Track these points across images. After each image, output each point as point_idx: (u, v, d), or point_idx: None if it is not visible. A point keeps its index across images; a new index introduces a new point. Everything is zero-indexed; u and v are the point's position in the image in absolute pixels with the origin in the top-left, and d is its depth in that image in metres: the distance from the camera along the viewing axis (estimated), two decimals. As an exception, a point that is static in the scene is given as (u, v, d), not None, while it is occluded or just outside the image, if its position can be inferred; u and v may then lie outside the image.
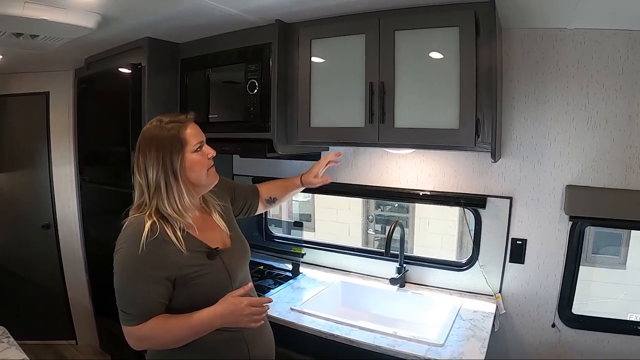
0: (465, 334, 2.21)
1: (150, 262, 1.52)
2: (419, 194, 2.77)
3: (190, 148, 1.63)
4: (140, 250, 1.49)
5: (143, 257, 1.50)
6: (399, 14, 2.20)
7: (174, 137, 1.60)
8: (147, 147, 1.61)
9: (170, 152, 1.59)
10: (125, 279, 1.53)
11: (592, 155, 2.35)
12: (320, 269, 3.19)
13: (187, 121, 1.68)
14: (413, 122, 2.16)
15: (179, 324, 1.55)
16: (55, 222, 4.06)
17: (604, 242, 4.91)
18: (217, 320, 1.57)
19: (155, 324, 1.52)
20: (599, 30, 2.27)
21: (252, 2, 2.22)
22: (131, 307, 1.53)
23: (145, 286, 1.52)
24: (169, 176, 1.58)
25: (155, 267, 1.52)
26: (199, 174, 1.67)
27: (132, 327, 1.52)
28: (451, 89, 2.07)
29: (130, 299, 1.53)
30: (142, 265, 1.51)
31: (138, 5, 2.28)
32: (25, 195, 4.12)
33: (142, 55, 2.89)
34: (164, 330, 1.54)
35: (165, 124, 1.63)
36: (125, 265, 1.54)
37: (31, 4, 2.10)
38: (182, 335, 1.56)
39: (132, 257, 1.51)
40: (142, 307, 1.52)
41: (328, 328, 2.25)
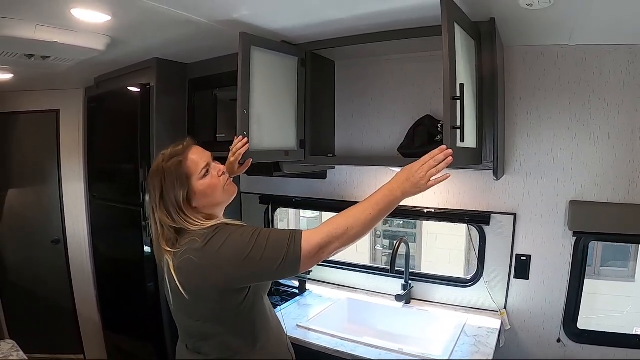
0: (469, 349, 2.22)
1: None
2: (424, 212, 2.78)
3: (197, 177, 1.59)
4: (242, 226, 1.52)
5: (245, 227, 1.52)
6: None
7: (175, 172, 1.56)
8: (152, 183, 1.59)
9: (172, 188, 1.55)
10: (255, 245, 1.45)
11: (595, 170, 2.36)
12: (326, 285, 3.20)
13: (186, 150, 1.62)
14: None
15: (355, 211, 1.51)
16: (65, 237, 4.09)
17: (612, 255, 4.89)
18: (398, 191, 1.52)
19: (322, 226, 1.50)
20: (599, 46, 2.29)
21: (257, 25, 2.25)
22: (284, 238, 1.47)
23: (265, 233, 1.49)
24: (177, 208, 1.54)
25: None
26: (215, 196, 1.63)
27: (304, 244, 1.46)
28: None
29: (274, 243, 1.46)
30: (250, 229, 1.50)
31: (146, 29, 2.33)
32: (35, 211, 4.16)
33: (150, 75, 2.94)
34: (340, 222, 1.49)
35: (167, 160, 1.58)
36: (244, 240, 1.47)
37: (42, 27, 2.15)
38: (363, 220, 1.50)
39: (245, 231, 1.50)
40: (284, 236, 1.48)
41: (334, 345, 2.26)
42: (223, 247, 1.46)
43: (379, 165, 2.72)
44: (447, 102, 1.68)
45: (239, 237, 1.48)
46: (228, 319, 1.57)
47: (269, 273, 1.50)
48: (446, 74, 1.67)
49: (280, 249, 1.45)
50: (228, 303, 1.54)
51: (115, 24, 2.19)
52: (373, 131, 2.86)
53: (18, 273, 4.15)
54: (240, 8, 2.02)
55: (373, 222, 1.52)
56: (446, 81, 1.67)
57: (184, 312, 1.61)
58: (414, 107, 2.67)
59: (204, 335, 1.60)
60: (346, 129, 2.93)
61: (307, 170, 2.83)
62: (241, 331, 1.60)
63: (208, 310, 1.55)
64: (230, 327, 1.58)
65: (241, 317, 1.58)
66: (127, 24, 2.23)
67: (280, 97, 2.34)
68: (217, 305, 1.53)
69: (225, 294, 1.52)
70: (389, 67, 2.75)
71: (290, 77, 2.41)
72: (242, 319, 1.59)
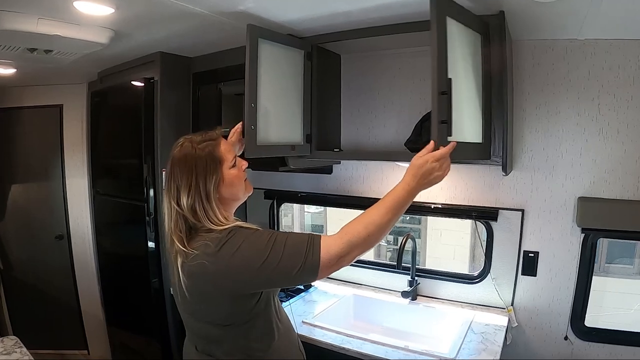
0: (477, 347, 2.20)
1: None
2: (431, 207, 2.77)
3: (228, 165, 1.57)
4: (256, 230, 1.49)
5: (260, 231, 1.49)
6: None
7: (209, 157, 1.53)
8: (179, 170, 1.53)
9: (204, 174, 1.51)
10: (271, 251, 1.41)
11: (604, 166, 2.33)
12: (332, 281, 3.18)
13: (219, 138, 1.60)
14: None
15: (373, 214, 1.48)
16: (69, 233, 4.10)
17: (618, 252, 4.86)
18: (413, 190, 1.54)
19: (341, 234, 1.46)
20: (609, 41, 2.26)
21: (264, 18, 2.23)
22: (302, 243, 1.43)
23: (282, 238, 1.46)
24: (202, 199, 1.50)
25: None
26: (238, 188, 1.62)
27: (323, 251, 1.42)
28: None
29: (291, 249, 1.42)
30: (266, 234, 1.47)
31: (150, 22, 2.30)
32: (38, 206, 4.16)
33: (154, 69, 2.93)
34: (358, 229, 1.45)
35: (197, 144, 1.54)
36: (260, 245, 1.43)
37: (44, 20, 2.13)
38: (382, 223, 1.47)
39: (260, 236, 1.46)
40: (302, 241, 1.45)
41: (339, 341, 2.25)
42: (238, 253, 1.43)
43: (386, 160, 2.70)
44: (434, 97, 1.66)
45: (254, 242, 1.45)
46: (240, 323, 1.53)
47: (285, 280, 1.48)
48: (434, 69, 1.65)
49: (298, 256, 1.41)
50: (240, 307, 1.51)
51: (119, 17, 2.17)
52: (379, 126, 2.83)
53: (21, 269, 4.16)
54: (245, 0, 1.99)
55: (391, 225, 1.52)
56: (434, 76, 1.65)
57: (193, 315, 1.59)
58: (421, 101, 2.65)
59: (214, 338, 1.57)
60: (352, 123, 2.91)
61: (313, 165, 2.81)
62: (253, 334, 1.57)
63: (218, 314, 1.52)
64: (242, 330, 1.55)
65: (253, 321, 1.55)
66: (130, 17, 2.20)
67: (286, 91, 2.32)
68: (228, 309, 1.50)
69: (237, 298, 1.48)
70: (396, 61, 2.72)
71: (297, 70, 2.38)
72: (254, 322, 1.56)
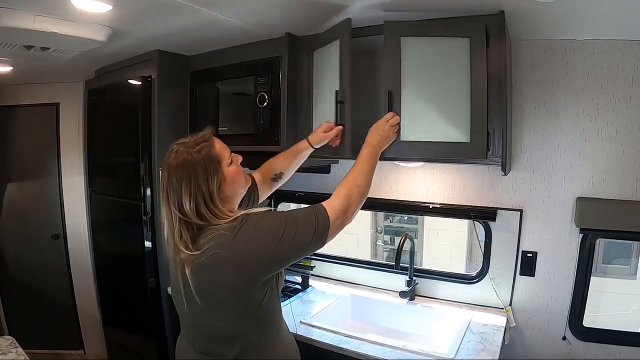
0: (475, 347, 2.19)
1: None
2: (429, 207, 2.77)
3: (226, 162, 1.58)
4: (265, 211, 1.55)
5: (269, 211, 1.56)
6: (408, 24, 2.19)
7: (207, 158, 1.53)
8: (177, 177, 1.51)
9: (205, 177, 1.51)
10: (286, 225, 1.51)
11: (603, 166, 2.33)
12: (329, 281, 3.18)
13: (211, 138, 1.60)
14: (422, 135, 2.12)
15: (356, 171, 1.78)
16: (65, 232, 4.07)
17: (614, 253, 4.88)
18: (378, 146, 1.93)
19: (337, 191, 1.69)
20: (608, 41, 2.26)
21: (262, 15, 2.23)
22: (310, 214, 1.58)
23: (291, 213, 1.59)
24: (206, 200, 1.50)
25: None
26: (239, 183, 1.65)
27: (329, 214, 1.59)
28: (462, 101, 2.05)
29: (303, 219, 1.56)
30: (275, 213, 1.59)
31: (148, 19, 2.29)
32: (34, 205, 4.14)
33: (152, 67, 2.91)
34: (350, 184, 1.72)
35: (192, 148, 1.53)
36: (274, 223, 1.52)
37: (41, 17, 2.11)
38: (366, 173, 1.80)
39: (272, 216, 1.55)
40: (308, 211, 1.60)
41: (337, 342, 2.24)
42: (255, 234, 1.47)
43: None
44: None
45: (268, 221, 1.51)
46: (251, 317, 1.56)
47: (303, 248, 1.56)
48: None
49: (310, 223, 1.54)
50: (252, 299, 1.53)
51: (117, 14, 2.15)
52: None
53: (17, 268, 4.13)
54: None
55: (370, 176, 1.82)
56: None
57: (203, 316, 1.57)
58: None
59: (225, 336, 1.57)
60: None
61: (311, 165, 2.79)
62: (262, 329, 1.61)
63: (233, 307, 1.53)
64: (253, 325, 1.58)
65: (262, 314, 1.58)
66: (128, 14, 2.18)
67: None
68: (242, 301, 1.52)
69: (251, 288, 1.50)
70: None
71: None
72: (263, 316, 1.59)
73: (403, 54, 2.11)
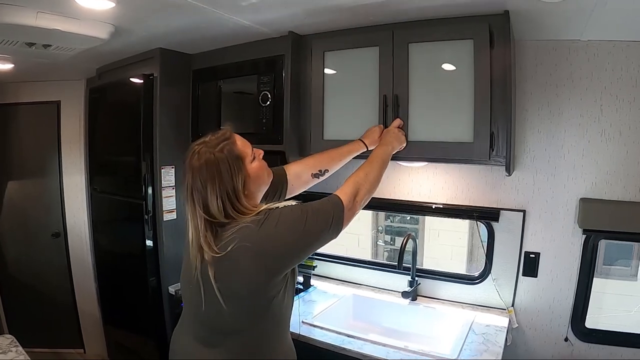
0: (478, 348, 2.19)
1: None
2: (432, 207, 2.76)
3: (249, 159, 1.58)
4: (285, 205, 1.56)
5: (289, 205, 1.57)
6: (413, 26, 2.20)
7: (230, 157, 1.52)
8: (202, 178, 1.49)
9: (230, 176, 1.50)
10: (307, 216, 1.54)
11: (606, 167, 2.33)
12: (331, 281, 3.17)
13: (232, 135, 1.59)
14: (427, 136, 2.15)
15: (368, 169, 1.85)
16: (65, 231, 4.07)
17: (614, 254, 4.87)
18: (389, 147, 2.04)
19: (348, 183, 1.74)
20: (612, 42, 2.25)
21: (265, 14, 2.23)
22: (327, 204, 1.63)
23: (308, 204, 1.59)
24: (232, 199, 1.50)
25: None
26: (263, 177, 1.65)
27: (343, 203, 1.64)
28: (465, 101, 2.06)
29: (321, 208, 1.60)
30: (296, 205, 1.57)
31: (151, 17, 2.28)
32: (35, 203, 4.13)
33: (154, 65, 2.90)
34: (362, 178, 1.78)
35: (214, 148, 1.51)
36: (296, 214, 1.54)
37: (44, 14, 2.10)
38: (378, 172, 1.89)
39: (292, 208, 1.55)
40: (323, 200, 1.64)
41: (340, 342, 2.23)
42: (279, 227, 1.49)
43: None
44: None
45: (290, 214, 1.53)
46: (261, 313, 1.56)
47: (324, 235, 1.58)
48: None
49: (327, 212, 1.59)
50: (268, 294, 1.53)
51: (120, 12, 2.14)
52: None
53: (17, 267, 4.13)
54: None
55: (381, 172, 1.91)
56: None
57: (221, 305, 1.51)
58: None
59: (231, 329, 1.58)
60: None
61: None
62: (268, 326, 1.61)
63: (247, 302, 1.53)
64: (259, 321, 1.58)
65: (272, 312, 1.58)
66: (131, 12, 2.18)
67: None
68: (257, 295, 1.52)
69: (269, 282, 1.51)
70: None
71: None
72: (272, 314, 1.59)
73: (410, 58, 2.15)
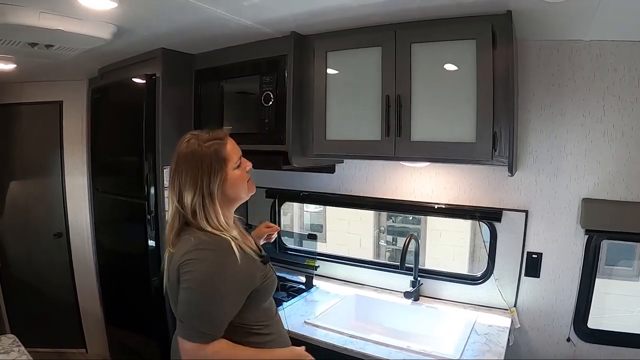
0: (480, 348, 2.19)
1: (237, 276, 1.53)
2: (434, 207, 2.76)
3: (232, 165, 1.60)
4: (228, 267, 1.51)
5: (231, 273, 1.51)
6: (415, 26, 2.20)
7: (214, 155, 1.56)
8: (184, 167, 1.56)
9: (209, 173, 1.54)
10: (211, 296, 1.48)
11: (609, 168, 2.33)
12: (333, 281, 3.18)
13: (226, 137, 1.64)
14: (430, 136, 2.16)
15: (248, 355, 1.57)
16: (67, 231, 4.07)
17: (616, 254, 4.87)
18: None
19: (221, 348, 1.50)
20: (615, 42, 2.25)
21: (267, 14, 2.23)
22: (209, 325, 1.48)
23: (229, 302, 1.52)
24: (205, 198, 1.54)
25: (241, 281, 1.55)
26: (241, 189, 1.65)
27: (200, 345, 1.47)
28: (468, 101, 2.06)
29: (212, 315, 1.49)
30: (229, 281, 1.51)
31: (153, 17, 2.29)
32: (37, 203, 4.13)
33: (156, 66, 2.90)
34: (229, 357, 1.51)
35: (204, 142, 1.57)
36: (210, 283, 1.48)
37: (46, 14, 2.10)
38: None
39: (219, 274, 1.50)
40: (220, 323, 1.50)
41: (342, 342, 2.24)
42: (192, 271, 1.49)
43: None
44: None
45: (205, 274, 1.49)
46: None
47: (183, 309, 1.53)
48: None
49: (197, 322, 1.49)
50: None
51: (122, 12, 2.14)
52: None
53: (19, 267, 4.13)
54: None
55: None
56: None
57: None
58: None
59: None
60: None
61: (316, 164, 2.79)
62: None
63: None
64: None
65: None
66: (133, 12, 2.18)
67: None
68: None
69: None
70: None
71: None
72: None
73: (413, 58, 2.15)
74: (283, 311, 2.58)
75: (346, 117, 2.42)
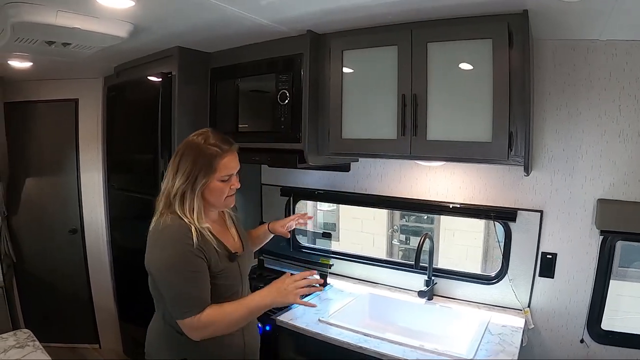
0: (494, 348, 2.18)
1: (199, 255, 1.68)
2: (449, 207, 2.76)
3: (218, 177, 1.75)
4: (189, 246, 1.65)
5: (193, 252, 1.67)
6: (431, 25, 2.19)
7: (208, 160, 1.73)
8: (184, 157, 1.74)
9: (199, 171, 1.72)
10: (180, 274, 1.65)
11: (624, 168, 2.31)
12: (347, 280, 3.18)
13: (228, 151, 1.77)
14: (446, 135, 2.16)
15: (235, 308, 1.73)
16: (82, 227, 4.11)
17: (630, 256, 4.82)
18: (267, 299, 1.74)
19: (213, 311, 1.68)
20: (630, 42, 2.24)
21: (283, 12, 2.23)
22: (189, 301, 1.66)
23: (199, 277, 1.68)
24: (189, 189, 1.72)
25: (202, 258, 1.70)
26: (217, 199, 1.81)
27: (192, 319, 1.65)
28: (484, 101, 2.05)
29: (188, 292, 1.66)
30: (193, 259, 1.67)
31: (170, 15, 2.30)
32: (53, 200, 4.17)
33: (172, 64, 2.91)
34: (222, 316, 1.69)
35: (208, 144, 1.74)
36: (177, 262, 1.66)
37: (64, 13, 2.12)
38: (240, 316, 1.73)
39: (183, 253, 1.66)
40: (199, 297, 1.68)
41: (356, 340, 2.24)
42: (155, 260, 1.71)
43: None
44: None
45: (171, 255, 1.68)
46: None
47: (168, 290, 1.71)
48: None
49: (178, 299, 1.68)
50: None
51: (139, 10, 2.15)
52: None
53: (35, 263, 4.17)
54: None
55: (240, 322, 1.76)
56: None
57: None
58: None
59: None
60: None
61: (331, 163, 2.80)
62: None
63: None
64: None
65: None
66: (150, 10, 2.19)
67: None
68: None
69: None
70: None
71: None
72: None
73: (429, 57, 2.16)
74: (297, 309, 2.59)
75: (362, 115, 2.42)
